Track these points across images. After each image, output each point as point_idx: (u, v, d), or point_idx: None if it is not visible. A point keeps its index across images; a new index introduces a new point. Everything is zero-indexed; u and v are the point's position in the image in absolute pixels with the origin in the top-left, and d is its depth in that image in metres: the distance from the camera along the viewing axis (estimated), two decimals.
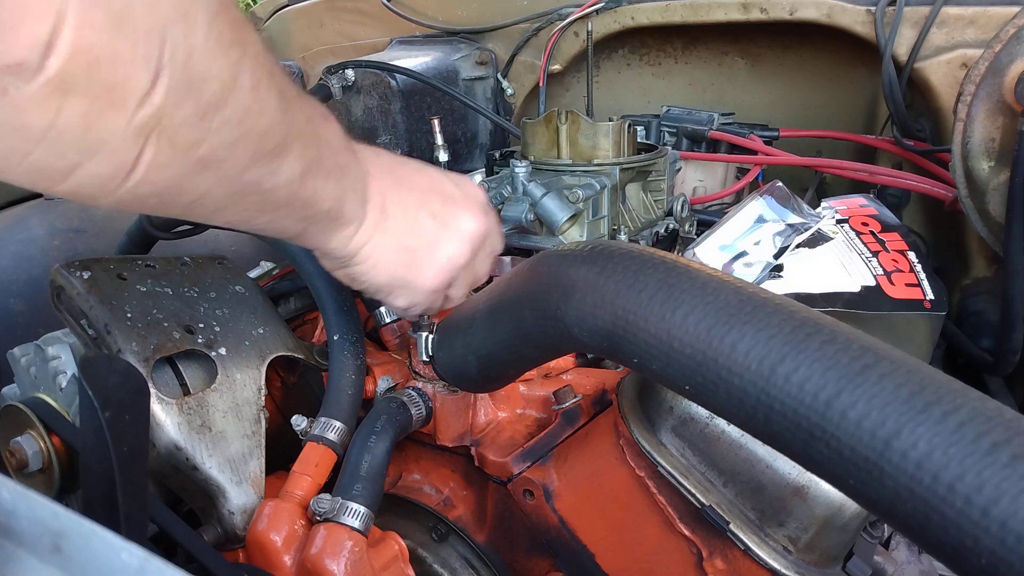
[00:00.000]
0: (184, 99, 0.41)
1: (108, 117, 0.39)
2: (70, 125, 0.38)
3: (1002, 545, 0.31)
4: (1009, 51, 0.87)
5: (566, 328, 0.50)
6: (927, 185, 1.16)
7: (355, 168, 0.60)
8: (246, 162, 0.48)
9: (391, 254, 0.64)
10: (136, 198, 0.44)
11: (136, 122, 0.40)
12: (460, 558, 0.72)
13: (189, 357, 0.68)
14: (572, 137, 1.06)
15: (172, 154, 0.43)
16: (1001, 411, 0.34)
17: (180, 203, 0.48)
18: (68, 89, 0.36)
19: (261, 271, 0.94)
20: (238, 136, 0.46)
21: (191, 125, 0.42)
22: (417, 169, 0.69)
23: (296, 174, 0.52)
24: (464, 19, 1.71)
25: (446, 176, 0.71)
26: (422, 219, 0.66)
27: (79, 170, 0.40)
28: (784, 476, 0.57)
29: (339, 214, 0.59)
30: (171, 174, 0.44)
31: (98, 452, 0.44)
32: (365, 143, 0.65)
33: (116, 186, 0.42)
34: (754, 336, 0.40)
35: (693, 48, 1.63)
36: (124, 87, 0.38)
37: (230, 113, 0.44)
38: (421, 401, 0.71)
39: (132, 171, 0.42)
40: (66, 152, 0.39)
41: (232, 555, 0.64)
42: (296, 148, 0.51)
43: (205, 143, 0.44)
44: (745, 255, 0.94)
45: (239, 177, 0.48)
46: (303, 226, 0.58)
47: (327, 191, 0.56)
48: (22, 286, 1.28)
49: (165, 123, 0.41)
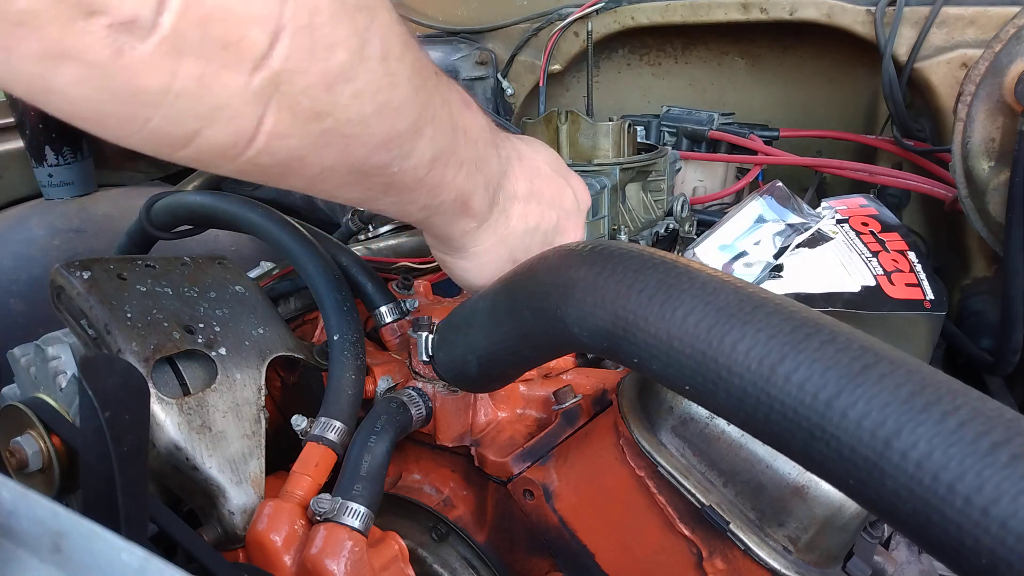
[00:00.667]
0: (307, 65, 0.38)
1: (225, 79, 0.36)
2: (187, 88, 0.36)
3: (1002, 545, 0.31)
4: (1009, 51, 0.88)
5: (566, 328, 0.50)
6: (927, 185, 1.16)
7: (494, 165, 0.58)
8: (377, 142, 0.45)
9: (497, 261, 0.63)
10: (258, 168, 0.42)
11: (254, 85, 0.37)
12: (460, 558, 0.72)
13: (189, 357, 0.68)
14: (572, 137, 1.06)
15: (294, 124, 0.40)
16: (1001, 411, 0.34)
17: (304, 176, 0.45)
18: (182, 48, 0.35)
19: (261, 271, 0.94)
20: (368, 113, 0.43)
21: (315, 95, 0.40)
22: (551, 175, 0.67)
23: (426, 159, 0.49)
24: (464, 19, 1.71)
25: (570, 183, 0.69)
26: (536, 237, 0.65)
27: (199, 137, 0.38)
28: (784, 476, 0.57)
29: (465, 207, 0.57)
30: (294, 145, 0.41)
31: (98, 452, 0.44)
32: None
33: (237, 154, 0.40)
34: (754, 336, 0.40)
35: (693, 48, 1.63)
36: (239, 47, 0.36)
37: (361, 85, 0.42)
38: (421, 401, 0.71)
39: (253, 140, 0.40)
40: (184, 118, 0.37)
41: (232, 555, 0.64)
42: (429, 131, 0.48)
43: (331, 116, 0.41)
44: (745, 255, 0.94)
45: (367, 158, 0.46)
46: (426, 214, 0.56)
47: (456, 182, 0.54)
48: (22, 286, 1.28)
49: (285, 89, 0.38)
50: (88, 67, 0.33)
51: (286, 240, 0.78)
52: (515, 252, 0.64)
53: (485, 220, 0.60)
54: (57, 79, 0.34)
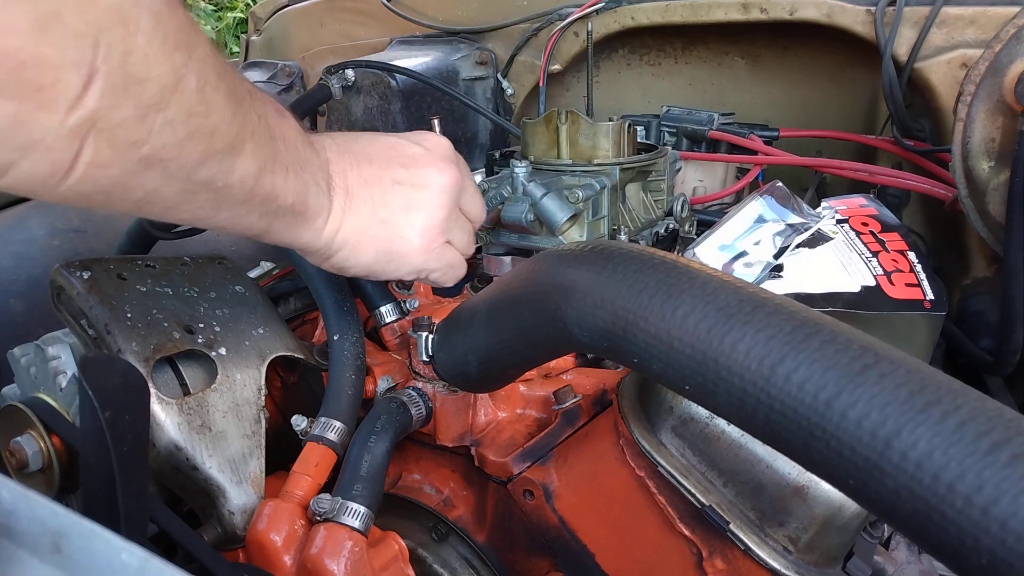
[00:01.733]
0: (121, 101, 0.41)
1: (40, 118, 0.39)
2: (0, 124, 0.38)
3: (1002, 545, 0.31)
4: (1009, 51, 0.87)
5: (566, 328, 0.50)
6: (927, 185, 1.16)
7: (315, 160, 0.60)
8: (194, 162, 0.47)
9: (368, 232, 0.63)
10: (80, 195, 0.44)
11: (70, 123, 0.40)
12: (460, 558, 0.72)
13: (189, 357, 0.68)
14: (572, 137, 1.06)
15: (113, 154, 0.43)
16: (1001, 411, 0.34)
17: (129, 200, 0.47)
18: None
19: (261, 271, 0.94)
20: (183, 136, 0.45)
21: (130, 127, 0.42)
22: (372, 139, 0.69)
23: (251, 172, 0.52)
24: (464, 19, 1.71)
25: (404, 137, 0.70)
26: (387, 188, 0.65)
27: (15, 168, 0.40)
28: (784, 476, 0.57)
29: (304, 207, 0.58)
30: (114, 173, 0.44)
31: (98, 452, 0.44)
32: None
33: (56, 183, 0.42)
34: (754, 336, 0.40)
35: (693, 48, 1.63)
36: (54, 89, 0.38)
37: (173, 114, 0.44)
38: (421, 401, 0.71)
39: (71, 170, 0.42)
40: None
41: (232, 555, 0.64)
42: (249, 147, 0.51)
43: (147, 144, 0.44)
44: (745, 255, 0.94)
45: (189, 176, 0.48)
46: (266, 223, 0.57)
47: (287, 186, 0.56)
48: (22, 286, 1.28)
49: (101, 124, 0.41)
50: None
51: None
52: (377, 212, 0.64)
53: (329, 210, 0.61)
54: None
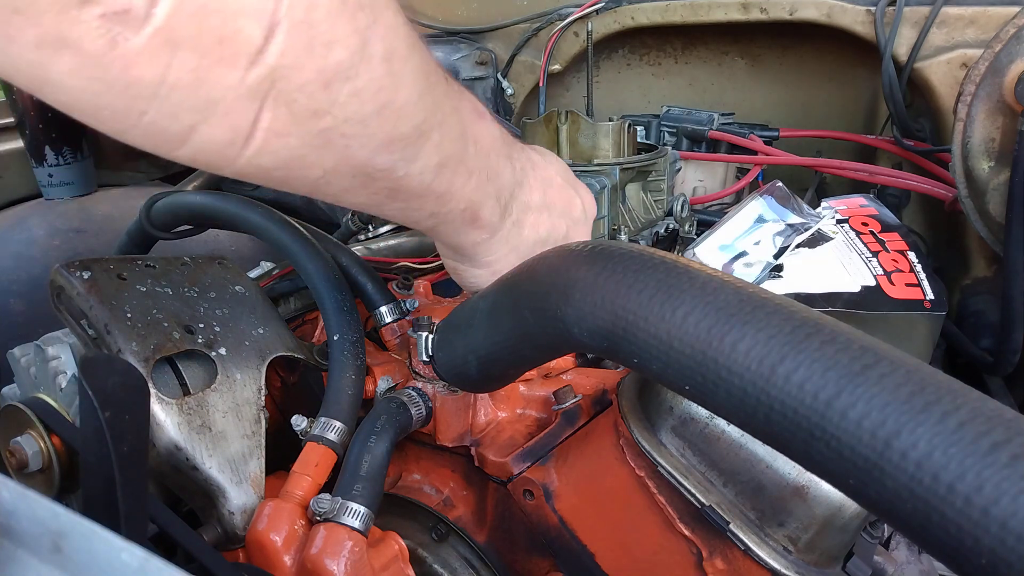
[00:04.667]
0: (304, 61, 0.38)
1: (220, 74, 0.36)
2: (181, 81, 0.36)
3: (1002, 545, 0.31)
4: (1009, 51, 0.88)
5: (566, 328, 0.50)
6: (927, 185, 1.17)
7: (507, 176, 0.58)
8: (377, 143, 0.44)
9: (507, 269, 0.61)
10: (259, 169, 0.42)
11: (250, 81, 0.37)
12: (460, 558, 0.72)
13: (189, 357, 0.68)
14: (572, 137, 1.06)
15: (292, 122, 0.40)
16: (1001, 411, 0.34)
17: (307, 178, 0.45)
18: (177, 41, 0.35)
19: (261, 271, 0.94)
20: (370, 112, 0.42)
21: (312, 93, 0.39)
22: (562, 186, 0.67)
23: (432, 164, 0.49)
24: (464, 19, 1.71)
25: (579, 193, 0.69)
26: (547, 247, 0.63)
27: (195, 134, 0.38)
28: (784, 476, 0.57)
29: (475, 217, 0.56)
30: (292, 144, 0.41)
31: (98, 452, 0.44)
32: None
33: (235, 154, 0.40)
34: (754, 336, 0.40)
35: (693, 48, 1.63)
36: (234, 41, 0.36)
37: (361, 84, 0.41)
38: (421, 401, 0.71)
39: (250, 137, 0.39)
40: (179, 112, 0.37)
41: (232, 555, 0.64)
42: (435, 137, 0.48)
43: (328, 115, 0.41)
44: (745, 255, 0.94)
45: (369, 159, 0.45)
46: (434, 221, 0.55)
47: (465, 191, 0.53)
48: (22, 286, 1.28)
49: (281, 86, 0.38)
50: (83, 57, 0.33)
51: (286, 240, 0.78)
52: (530, 252, 0.63)
53: (497, 231, 0.59)
54: (53, 69, 0.34)
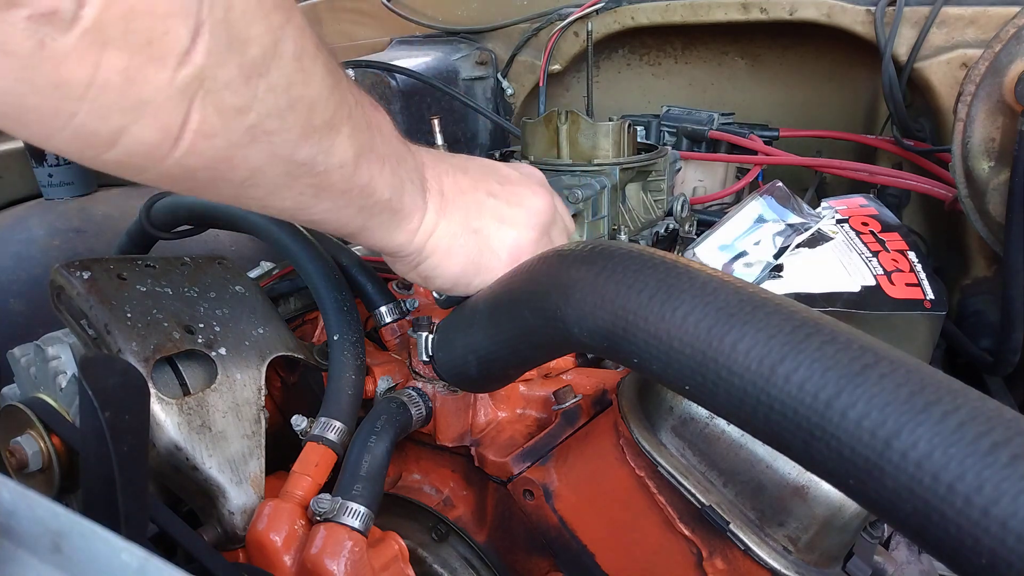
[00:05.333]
0: (226, 58, 0.39)
1: (150, 74, 0.37)
2: (111, 82, 0.36)
3: (1002, 545, 0.31)
4: (1009, 51, 0.88)
5: (566, 328, 0.50)
6: (927, 185, 1.16)
7: (410, 158, 0.59)
8: (296, 136, 0.46)
9: (459, 239, 0.62)
10: (186, 171, 0.43)
11: (179, 81, 0.38)
12: (460, 558, 0.72)
13: (189, 357, 0.68)
14: (572, 137, 1.06)
15: (219, 120, 0.41)
16: (1001, 411, 0.34)
17: (234, 180, 0.46)
18: (106, 41, 0.35)
19: (261, 271, 0.94)
20: (285, 106, 0.44)
21: (235, 89, 0.41)
22: (466, 156, 0.68)
23: (349, 156, 0.50)
24: (464, 19, 1.71)
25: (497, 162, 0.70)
26: (482, 200, 0.64)
27: (125, 135, 0.39)
28: (784, 476, 0.57)
29: (400, 205, 0.57)
30: (220, 144, 0.42)
31: (98, 452, 0.44)
32: None
33: (164, 155, 0.41)
34: (754, 336, 0.40)
35: (693, 48, 1.63)
36: (163, 41, 0.37)
37: (275, 79, 0.43)
38: (421, 401, 0.71)
39: (179, 137, 0.40)
40: (109, 113, 0.37)
41: (232, 555, 0.64)
42: (346, 129, 0.50)
43: (252, 111, 0.42)
44: (745, 255, 0.94)
45: (292, 155, 0.46)
46: (364, 219, 0.56)
47: (383, 179, 0.54)
48: (22, 286, 1.28)
49: (208, 85, 0.39)
50: (9, 58, 0.33)
51: (286, 240, 0.78)
52: (469, 220, 0.63)
53: (424, 211, 0.60)
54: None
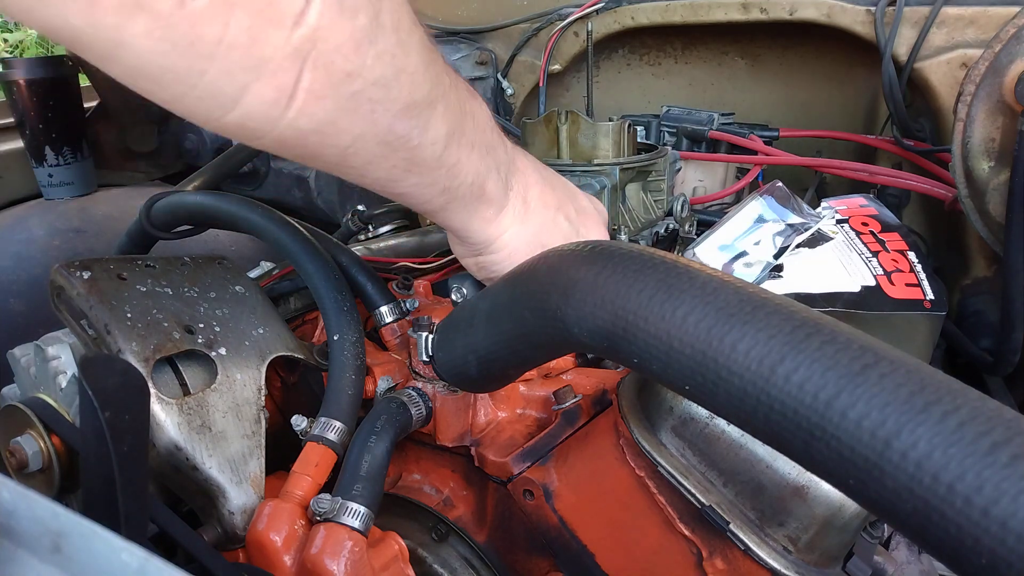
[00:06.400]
0: (337, 23, 0.43)
1: (269, 33, 0.41)
2: (237, 40, 0.40)
3: (1002, 545, 0.31)
4: (1009, 51, 0.88)
5: (566, 328, 0.50)
6: (927, 185, 1.16)
7: (502, 151, 0.61)
8: (397, 109, 0.49)
9: (527, 248, 0.64)
10: (298, 134, 0.46)
11: (295, 40, 0.42)
12: (460, 558, 0.72)
13: (189, 357, 0.68)
14: (572, 137, 1.06)
15: (328, 83, 0.44)
16: (1001, 411, 0.34)
17: (339, 145, 0.49)
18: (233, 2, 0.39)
19: (261, 271, 0.94)
20: (391, 75, 0.47)
21: (346, 54, 0.44)
22: (555, 173, 0.71)
23: (442, 134, 0.53)
24: (464, 19, 1.71)
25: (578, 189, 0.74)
26: (559, 221, 0.66)
27: (247, 94, 0.42)
28: (784, 476, 0.57)
29: (481, 191, 0.59)
30: (329, 106, 0.45)
31: (98, 452, 0.44)
32: None
33: (279, 115, 0.44)
34: (754, 336, 0.40)
35: (693, 48, 1.63)
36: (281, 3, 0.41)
37: (381, 48, 0.46)
38: (421, 401, 0.71)
39: (292, 97, 0.44)
40: (235, 71, 0.41)
41: (232, 555, 0.64)
42: (440, 107, 0.53)
43: (360, 77, 0.46)
44: (745, 255, 0.94)
45: (390, 126, 0.50)
46: (446, 199, 0.58)
47: (471, 163, 0.57)
48: (22, 286, 1.28)
49: (321, 47, 0.43)
50: (155, 17, 0.38)
51: (286, 240, 0.78)
52: (541, 235, 0.65)
53: (503, 205, 0.62)
54: (128, 31, 0.39)
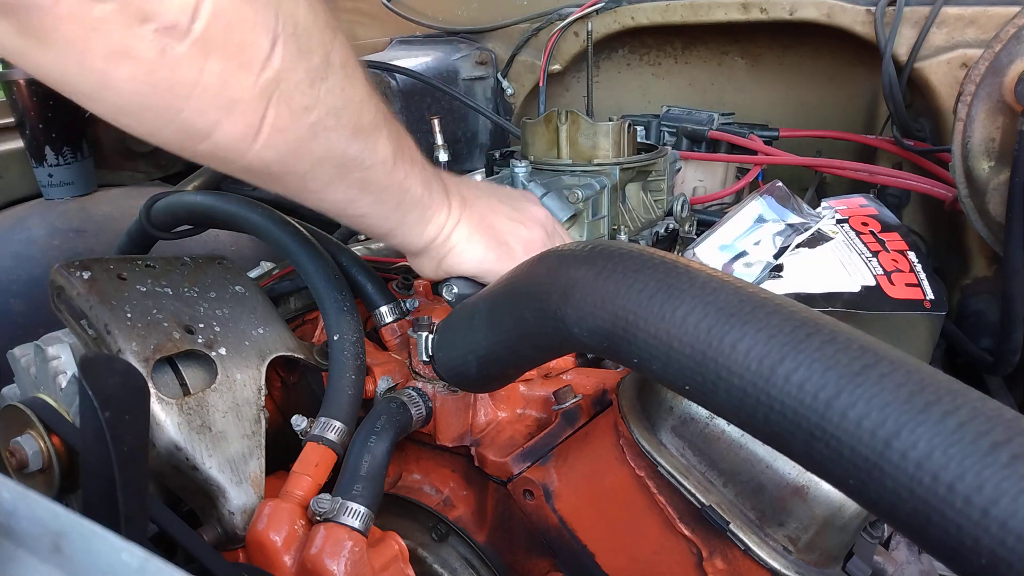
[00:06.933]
0: (297, 64, 0.48)
1: (239, 77, 0.46)
2: (211, 84, 0.45)
3: (1002, 545, 0.31)
4: (1009, 51, 0.88)
5: (566, 328, 0.50)
6: (927, 185, 1.16)
7: (430, 165, 0.69)
8: (349, 133, 0.55)
9: (479, 229, 0.71)
10: (264, 163, 0.51)
11: (261, 83, 0.47)
12: (460, 558, 0.72)
13: (189, 357, 0.68)
14: (572, 137, 1.06)
15: (290, 117, 0.49)
16: (1001, 411, 0.34)
17: (299, 171, 0.54)
18: (210, 49, 0.43)
19: (261, 271, 0.94)
20: (340, 105, 0.53)
21: (303, 91, 0.49)
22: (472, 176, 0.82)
23: (389, 153, 0.59)
24: (464, 19, 1.71)
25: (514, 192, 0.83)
26: (494, 205, 0.75)
27: (218, 129, 0.47)
28: (784, 476, 0.57)
29: (430, 201, 0.66)
30: (290, 137, 0.51)
31: (98, 452, 0.44)
32: None
33: (247, 147, 0.49)
34: (754, 336, 0.40)
35: (693, 48, 1.63)
36: (251, 49, 0.45)
37: (332, 83, 0.52)
38: (421, 401, 0.71)
39: (259, 131, 0.48)
40: (208, 110, 0.46)
41: (232, 555, 0.64)
42: (385, 130, 0.59)
43: (315, 109, 0.51)
44: (745, 255, 0.94)
45: (345, 149, 0.55)
46: (400, 215, 0.65)
47: (415, 176, 0.64)
48: (22, 286, 1.28)
49: (283, 87, 0.48)
50: (139, 64, 0.42)
51: (286, 240, 0.78)
52: (486, 218, 0.72)
53: (450, 207, 0.69)
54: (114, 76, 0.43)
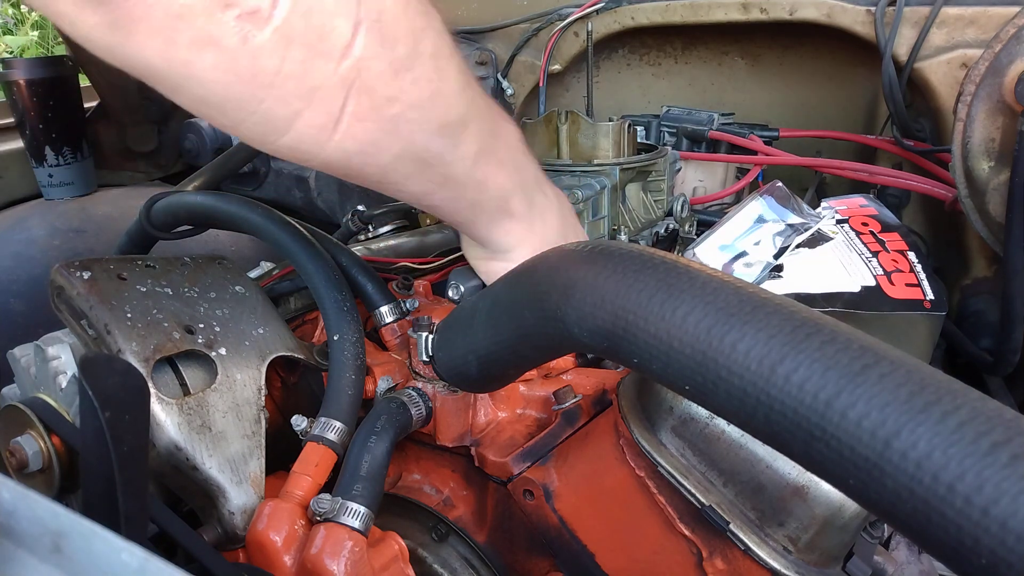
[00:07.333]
0: (379, 53, 0.47)
1: (320, 65, 0.45)
2: (293, 72, 0.44)
3: (1002, 545, 0.31)
4: (1009, 51, 0.88)
5: (566, 328, 0.50)
6: (927, 185, 1.17)
7: (530, 172, 0.66)
8: (432, 129, 0.53)
9: None
10: (344, 154, 0.50)
11: (341, 70, 0.46)
12: (460, 558, 0.72)
13: (189, 357, 0.68)
14: (572, 137, 1.06)
15: (370, 107, 0.48)
16: (1001, 411, 0.34)
17: (380, 163, 0.53)
18: (291, 36, 0.43)
19: (261, 271, 0.94)
20: (425, 98, 0.51)
21: (386, 81, 0.48)
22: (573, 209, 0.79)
23: (472, 152, 0.57)
24: (464, 19, 1.71)
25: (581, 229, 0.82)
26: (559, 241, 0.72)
27: (298, 120, 0.46)
28: (784, 476, 0.57)
29: (506, 206, 0.64)
30: (370, 128, 0.49)
31: (98, 452, 0.44)
32: None
33: (327, 138, 0.48)
34: (754, 336, 0.40)
35: (693, 48, 1.63)
36: (331, 37, 0.44)
37: (418, 74, 0.50)
38: (421, 401, 0.71)
39: (339, 121, 0.47)
40: (289, 99, 0.45)
41: (232, 555, 0.64)
42: (472, 128, 0.57)
43: (397, 101, 0.49)
44: (745, 255, 0.94)
45: (426, 144, 0.54)
46: (474, 213, 0.63)
47: (498, 179, 0.61)
48: (22, 286, 1.29)
49: (364, 76, 0.47)
50: (222, 52, 0.42)
51: (286, 240, 0.78)
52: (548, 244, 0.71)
53: (524, 221, 0.67)
54: (198, 64, 0.42)
